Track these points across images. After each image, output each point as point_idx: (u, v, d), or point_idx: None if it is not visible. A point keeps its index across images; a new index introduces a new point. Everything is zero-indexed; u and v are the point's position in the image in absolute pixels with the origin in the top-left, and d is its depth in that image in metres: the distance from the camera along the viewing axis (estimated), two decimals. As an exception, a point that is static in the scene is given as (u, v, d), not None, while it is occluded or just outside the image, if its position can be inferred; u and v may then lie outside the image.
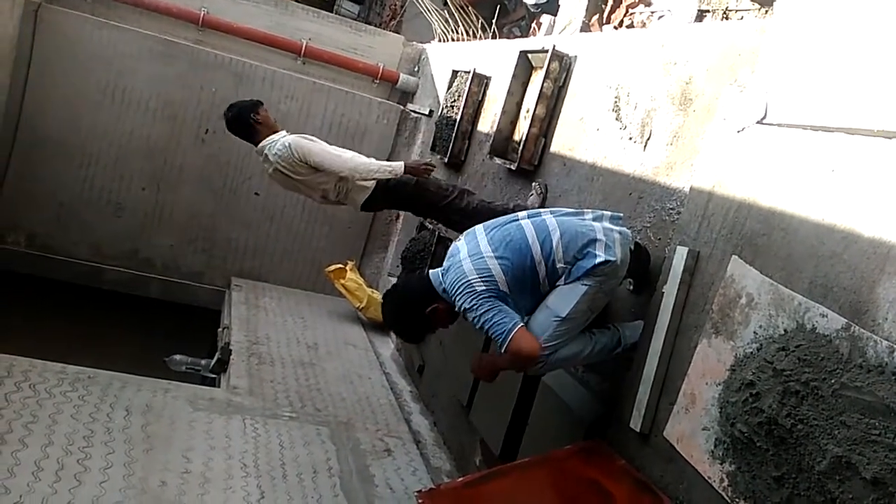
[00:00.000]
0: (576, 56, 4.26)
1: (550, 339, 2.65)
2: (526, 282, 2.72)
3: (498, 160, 4.65)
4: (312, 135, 4.39)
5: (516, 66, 4.72)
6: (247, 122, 4.25)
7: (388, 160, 4.53)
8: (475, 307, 2.63)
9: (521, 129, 4.56)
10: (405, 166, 4.20)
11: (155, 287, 6.99)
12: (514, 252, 2.72)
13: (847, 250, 2.01)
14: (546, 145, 4.32)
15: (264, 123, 4.28)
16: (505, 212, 3.88)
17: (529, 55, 4.66)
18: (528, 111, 4.50)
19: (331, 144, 4.34)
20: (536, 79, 4.52)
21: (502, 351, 2.65)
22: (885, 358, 1.79)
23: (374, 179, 4.16)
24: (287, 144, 4.10)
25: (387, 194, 4.23)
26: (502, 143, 4.76)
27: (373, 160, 4.24)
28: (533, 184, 4.27)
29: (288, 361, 5.36)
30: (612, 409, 2.95)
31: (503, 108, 4.76)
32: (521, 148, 4.35)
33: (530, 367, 2.73)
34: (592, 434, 2.96)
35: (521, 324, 2.63)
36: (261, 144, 4.24)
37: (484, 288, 2.64)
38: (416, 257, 5.70)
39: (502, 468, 3.10)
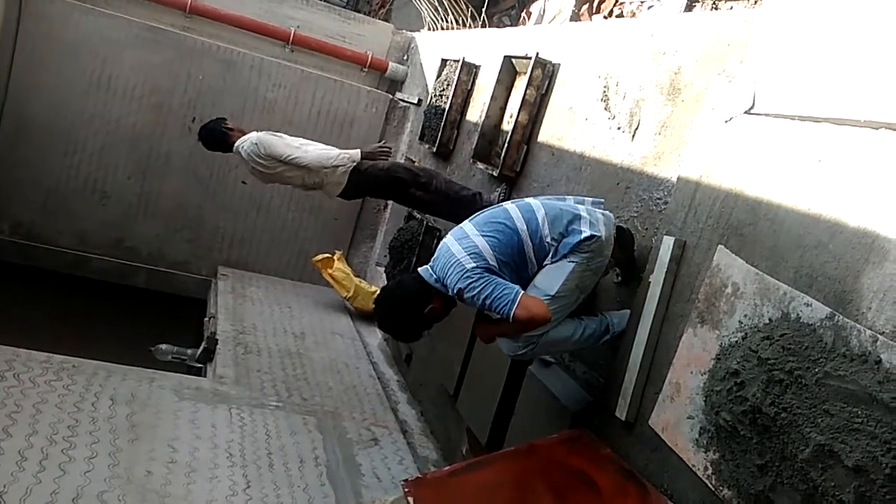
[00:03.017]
0: (559, 64, 4.24)
1: None
2: (514, 258, 2.70)
3: (481, 165, 4.65)
4: (298, 123, 4.59)
5: (500, 70, 4.68)
6: (220, 133, 4.62)
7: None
8: (470, 286, 2.60)
9: (504, 135, 4.52)
10: (362, 152, 4.54)
11: (141, 276, 6.95)
12: (500, 231, 2.72)
13: (832, 240, 2.02)
14: (529, 151, 4.33)
15: (235, 129, 4.66)
16: (472, 199, 4.30)
17: (513, 60, 4.63)
18: (511, 117, 4.49)
19: (301, 137, 4.72)
20: (520, 84, 4.49)
21: (510, 320, 2.58)
22: (869, 347, 1.80)
23: (338, 168, 4.45)
24: (254, 141, 4.41)
25: (360, 184, 4.53)
26: (485, 148, 4.74)
27: (331, 149, 4.56)
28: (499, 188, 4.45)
29: (274, 351, 5.34)
30: (598, 398, 2.96)
31: (487, 112, 4.74)
32: (503, 154, 4.34)
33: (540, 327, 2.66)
34: (578, 423, 2.97)
35: (522, 290, 2.59)
36: (235, 144, 4.54)
37: (474, 264, 2.61)
38: (404, 247, 5.70)
39: (488, 457, 3.11)
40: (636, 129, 3.30)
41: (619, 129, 3.44)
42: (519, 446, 3.02)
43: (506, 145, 4.32)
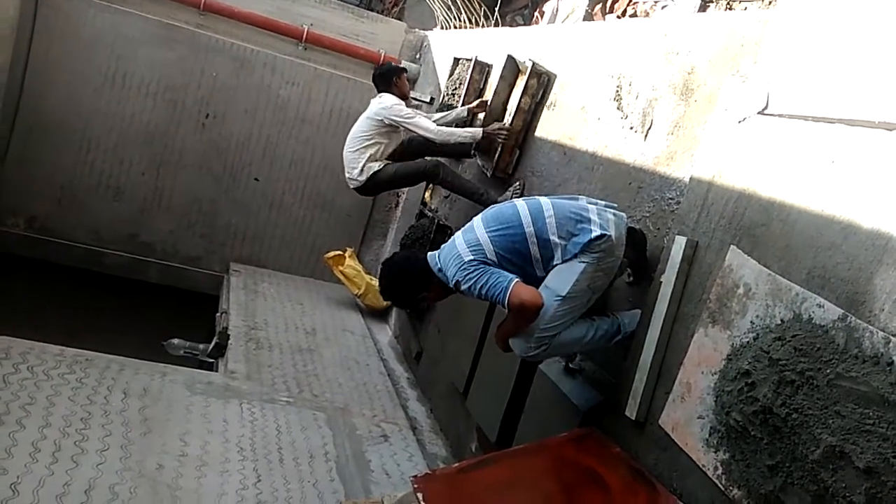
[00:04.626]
0: (556, 75, 4.32)
1: (553, 319, 2.66)
2: (515, 255, 2.75)
3: (480, 160, 4.69)
4: (311, 121, 4.73)
5: (504, 67, 4.71)
6: (393, 83, 5.11)
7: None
8: (466, 277, 2.69)
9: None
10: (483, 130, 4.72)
11: (154, 271, 7.00)
12: (504, 226, 2.79)
13: (846, 241, 2.01)
14: (521, 156, 4.41)
15: (404, 85, 5.21)
16: (472, 192, 4.62)
17: (517, 59, 4.67)
18: (510, 115, 4.53)
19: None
20: (520, 83, 4.54)
21: (505, 309, 2.67)
22: (881, 348, 1.80)
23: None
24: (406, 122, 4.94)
25: (380, 183, 5.09)
26: (487, 146, 4.77)
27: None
28: (511, 187, 4.46)
29: (286, 347, 5.37)
30: (609, 397, 2.96)
31: (490, 109, 4.78)
32: (496, 157, 4.43)
33: (534, 318, 2.66)
34: (588, 422, 2.97)
35: (517, 279, 2.64)
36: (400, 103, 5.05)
37: (472, 257, 2.71)
38: (416, 244, 5.70)
39: (498, 454, 3.12)
40: (649, 128, 3.30)
41: (631, 128, 3.44)
42: (529, 444, 3.03)
43: (499, 149, 4.37)
